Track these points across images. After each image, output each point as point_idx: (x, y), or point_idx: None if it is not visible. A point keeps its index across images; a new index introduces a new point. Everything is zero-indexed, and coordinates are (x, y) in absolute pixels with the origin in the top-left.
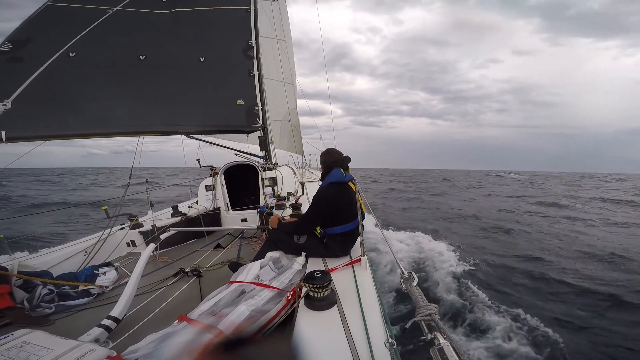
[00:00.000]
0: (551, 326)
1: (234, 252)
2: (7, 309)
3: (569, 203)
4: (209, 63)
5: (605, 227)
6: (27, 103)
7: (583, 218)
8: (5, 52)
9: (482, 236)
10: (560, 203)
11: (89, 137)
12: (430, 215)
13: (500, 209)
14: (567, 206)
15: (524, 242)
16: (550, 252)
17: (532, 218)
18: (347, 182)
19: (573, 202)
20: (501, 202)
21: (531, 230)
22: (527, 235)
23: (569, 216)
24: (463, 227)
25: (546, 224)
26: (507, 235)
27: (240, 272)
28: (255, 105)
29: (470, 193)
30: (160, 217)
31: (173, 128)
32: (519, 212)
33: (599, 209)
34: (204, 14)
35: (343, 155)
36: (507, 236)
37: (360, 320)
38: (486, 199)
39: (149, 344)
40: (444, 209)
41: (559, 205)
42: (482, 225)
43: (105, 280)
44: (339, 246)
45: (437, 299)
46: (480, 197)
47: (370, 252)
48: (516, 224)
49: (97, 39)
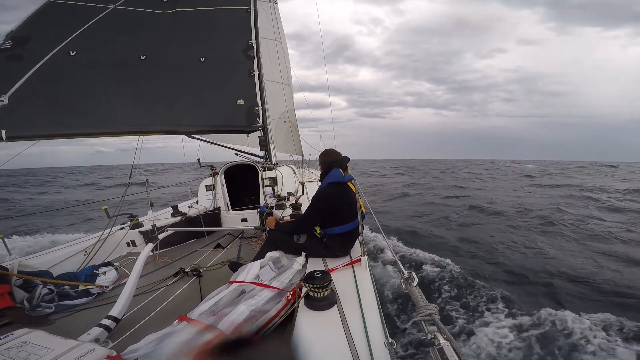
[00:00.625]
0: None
1: (234, 252)
2: (7, 308)
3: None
4: (209, 63)
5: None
6: (28, 102)
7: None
8: (5, 50)
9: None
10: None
11: (89, 136)
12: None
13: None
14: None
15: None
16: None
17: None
18: (347, 182)
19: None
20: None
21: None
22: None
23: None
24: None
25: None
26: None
27: (240, 272)
28: (256, 105)
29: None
30: (160, 217)
31: (173, 128)
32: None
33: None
34: (204, 14)
35: (342, 155)
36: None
37: (360, 320)
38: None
39: (148, 343)
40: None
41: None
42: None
43: (105, 280)
44: (339, 246)
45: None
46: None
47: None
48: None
49: (98, 38)
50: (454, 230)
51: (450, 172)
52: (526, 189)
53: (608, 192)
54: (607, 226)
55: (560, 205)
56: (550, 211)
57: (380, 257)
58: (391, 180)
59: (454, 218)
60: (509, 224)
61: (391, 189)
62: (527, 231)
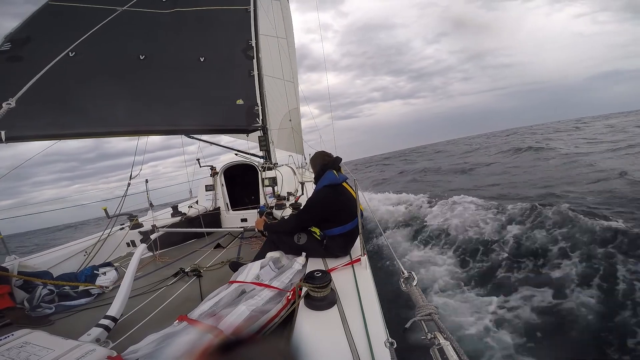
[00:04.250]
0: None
1: (234, 252)
2: (8, 309)
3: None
4: (209, 63)
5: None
6: (27, 103)
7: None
8: (5, 52)
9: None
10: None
11: (89, 136)
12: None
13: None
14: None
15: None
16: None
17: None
18: (341, 182)
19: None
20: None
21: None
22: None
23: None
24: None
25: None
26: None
27: (241, 272)
28: (255, 105)
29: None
30: (160, 217)
31: (173, 127)
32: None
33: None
34: (204, 14)
35: (333, 156)
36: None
37: (360, 320)
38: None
39: (149, 344)
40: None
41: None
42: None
43: (105, 281)
44: (339, 247)
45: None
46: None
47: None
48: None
49: (97, 39)
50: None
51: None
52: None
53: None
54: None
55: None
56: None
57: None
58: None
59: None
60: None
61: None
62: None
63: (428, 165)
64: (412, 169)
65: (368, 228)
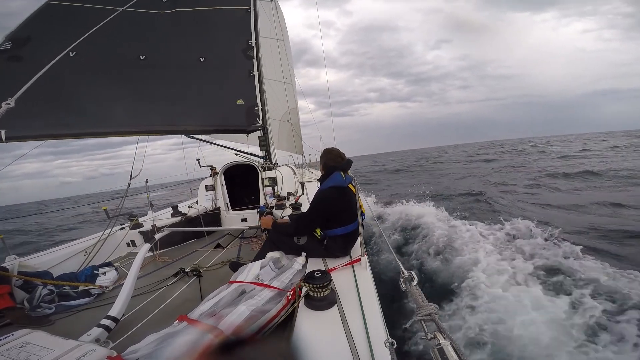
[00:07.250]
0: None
1: (234, 252)
2: (8, 309)
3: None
4: (209, 63)
5: None
6: (26, 102)
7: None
8: (5, 51)
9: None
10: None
11: (89, 136)
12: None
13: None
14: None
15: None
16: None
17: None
18: (347, 185)
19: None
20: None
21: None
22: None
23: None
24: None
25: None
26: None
27: (241, 272)
28: (255, 105)
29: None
30: (160, 217)
31: (173, 128)
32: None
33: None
34: (204, 14)
35: (345, 159)
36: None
37: (361, 320)
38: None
39: (149, 344)
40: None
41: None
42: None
43: (105, 281)
44: (340, 247)
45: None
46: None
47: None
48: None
49: (97, 39)
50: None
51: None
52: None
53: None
54: None
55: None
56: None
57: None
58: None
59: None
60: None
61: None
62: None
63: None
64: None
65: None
